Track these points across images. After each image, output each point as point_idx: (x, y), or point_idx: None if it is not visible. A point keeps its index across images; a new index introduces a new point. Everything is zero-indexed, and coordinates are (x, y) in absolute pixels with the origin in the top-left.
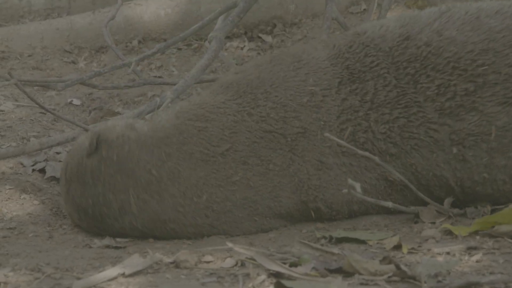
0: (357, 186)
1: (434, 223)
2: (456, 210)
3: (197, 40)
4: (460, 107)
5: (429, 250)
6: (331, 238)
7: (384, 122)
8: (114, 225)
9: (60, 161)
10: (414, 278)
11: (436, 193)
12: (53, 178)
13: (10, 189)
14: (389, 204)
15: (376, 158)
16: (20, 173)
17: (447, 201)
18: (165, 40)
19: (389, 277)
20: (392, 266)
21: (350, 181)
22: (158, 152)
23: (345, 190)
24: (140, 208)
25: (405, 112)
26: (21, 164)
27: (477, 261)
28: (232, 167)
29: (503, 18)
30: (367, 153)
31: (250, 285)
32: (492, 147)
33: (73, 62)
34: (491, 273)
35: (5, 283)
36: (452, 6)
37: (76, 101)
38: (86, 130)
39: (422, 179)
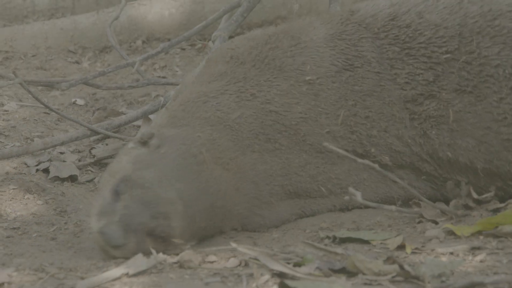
0: (358, 194)
1: (436, 222)
2: (460, 212)
3: (201, 40)
4: (420, 96)
5: (432, 250)
6: (334, 238)
7: (365, 108)
8: None
9: (64, 161)
10: (417, 278)
11: (420, 167)
12: (56, 178)
13: (14, 189)
14: (392, 207)
15: (376, 166)
16: (24, 173)
17: (453, 203)
18: (169, 40)
19: (392, 277)
20: (395, 266)
21: (350, 189)
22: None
23: (347, 197)
24: None
25: (380, 100)
26: (25, 164)
27: (480, 261)
28: (244, 134)
29: (482, 4)
30: (366, 161)
31: (254, 285)
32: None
33: (77, 62)
34: (494, 273)
35: (9, 283)
36: None
37: (80, 101)
38: (90, 129)
39: (401, 159)
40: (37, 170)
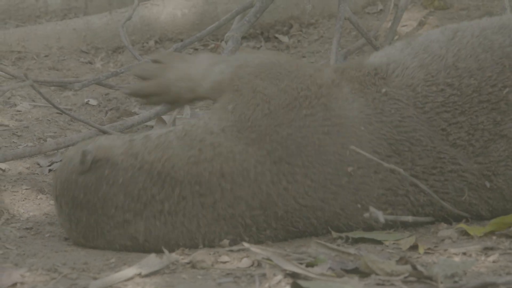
0: (380, 214)
1: (450, 223)
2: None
3: (213, 40)
4: (489, 140)
5: (445, 250)
6: (347, 238)
7: (421, 191)
8: (111, 232)
9: None
10: (430, 278)
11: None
12: None
13: (26, 189)
14: (409, 218)
15: (401, 170)
16: (37, 173)
17: None
18: (181, 40)
19: (405, 277)
20: (408, 267)
21: (372, 209)
22: (171, 191)
23: (366, 214)
24: (148, 229)
25: (440, 175)
26: (38, 164)
27: (493, 262)
28: (262, 227)
29: (509, 32)
30: (392, 166)
31: (267, 285)
32: None
33: (90, 63)
34: (507, 274)
35: (22, 283)
36: (456, 28)
37: (92, 101)
38: (100, 130)
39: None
40: (50, 170)
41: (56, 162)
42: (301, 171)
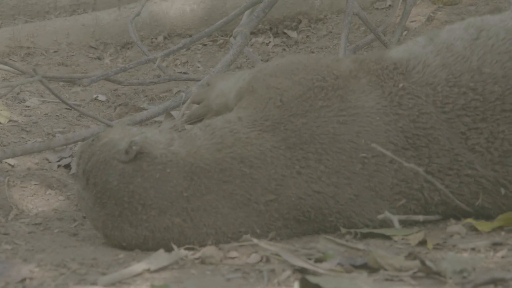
0: (395, 219)
1: (459, 219)
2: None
3: (222, 36)
4: (509, 151)
5: (454, 246)
6: (356, 233)
7: (436, 189)
8: (128, 230)
9: None
10: (439, 274)
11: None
12: None
13: (35, 184)
14: (420, 217)
15: (420, 170)
16: (46, 169)
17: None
18: (190, 36)
19: (414, 273)
20: (417, 262)
21: (387, 213)
22: (198, 184)
23: (380, 216)
24: (167, 227)
25: (456, 177)
26: (47, 159)
27: (502, 257)
28: (273, 217)
29: None
30: (412, 165)
31: (275, 281)
32: None
33: (99, 58)
34: None
35: (31, 278)
36: (480, 27)
37: (101, 97)
38: (109, 126)
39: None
40: (59, 165)
41: (65, 157)
42: (315, 157)
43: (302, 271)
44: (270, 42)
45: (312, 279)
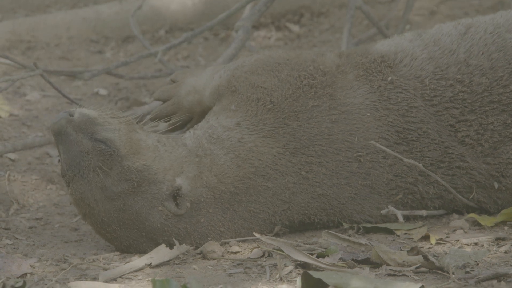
0: (398, 214)
1: (462, 214)
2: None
3: (224, 30)
4: (499, 142)
5: (457, 241)
6: (358, 228)
7: (430, 183)
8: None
9: None
10: (442, 269)
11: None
12: None
13: (36, 179)
14: (423, 212)
15: (421, 166)
16: (46, 163)
17: None
18: (192, 29)
19: (417, 268)
20: (420, 257)
21: (391, 208)
22: (231, 212)
23: (384, 211)
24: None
25: (448, 169)
26: (47, 154)
27: (505, 252)
28: (284, 224)
29: None
30: (412, 161)
31: (277, 275)
32: None
33: (100, 52)
34: None
35: (32, 273)
36: (470, 24)
37: (102, 91)
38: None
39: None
40: (59, 160)
41: None
42: (316, 160)
43: (304, 266)
44: (272, 36)
45: (315, 274)
